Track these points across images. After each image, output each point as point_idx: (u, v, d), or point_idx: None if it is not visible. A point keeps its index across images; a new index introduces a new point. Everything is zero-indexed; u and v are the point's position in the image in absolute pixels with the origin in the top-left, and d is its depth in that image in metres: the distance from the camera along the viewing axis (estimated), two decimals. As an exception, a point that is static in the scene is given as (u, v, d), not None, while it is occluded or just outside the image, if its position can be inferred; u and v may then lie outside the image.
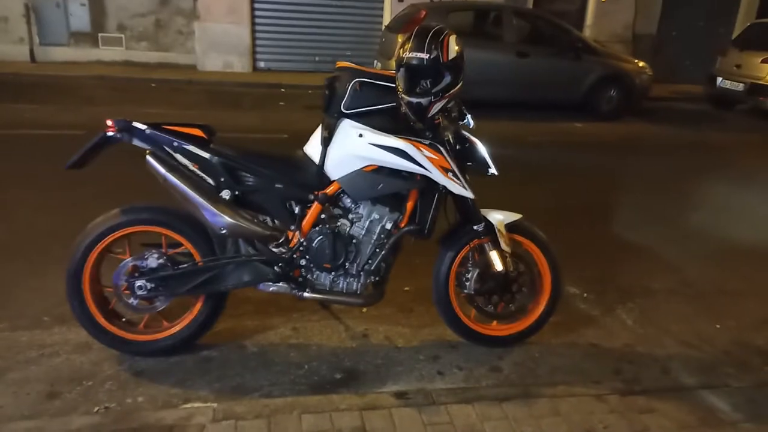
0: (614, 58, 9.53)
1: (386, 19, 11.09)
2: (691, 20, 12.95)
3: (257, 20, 11.15)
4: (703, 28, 13.02)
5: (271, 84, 10.19)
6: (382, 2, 11.61)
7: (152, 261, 2.51)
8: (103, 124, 2.39)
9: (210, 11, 10.77)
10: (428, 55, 2.31)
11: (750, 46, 9.96)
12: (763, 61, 9.51)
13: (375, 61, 9.43)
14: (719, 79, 10.29)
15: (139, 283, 2.49)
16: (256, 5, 11.07)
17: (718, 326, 3.25)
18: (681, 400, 2.49)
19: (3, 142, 5.84)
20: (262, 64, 11.41)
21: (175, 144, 2.42)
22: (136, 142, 2.42)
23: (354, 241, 2.59)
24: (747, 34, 10.42)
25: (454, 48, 2.36)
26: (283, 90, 9.89)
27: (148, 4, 10.92)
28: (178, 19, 11.11)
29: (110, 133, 2.38)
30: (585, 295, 3.49)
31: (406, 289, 3.33)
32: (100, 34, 10.86)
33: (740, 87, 9.85)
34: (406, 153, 2.44)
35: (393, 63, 2.47)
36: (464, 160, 2.60)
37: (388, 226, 2.60)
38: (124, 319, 2.64)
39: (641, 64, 9.59)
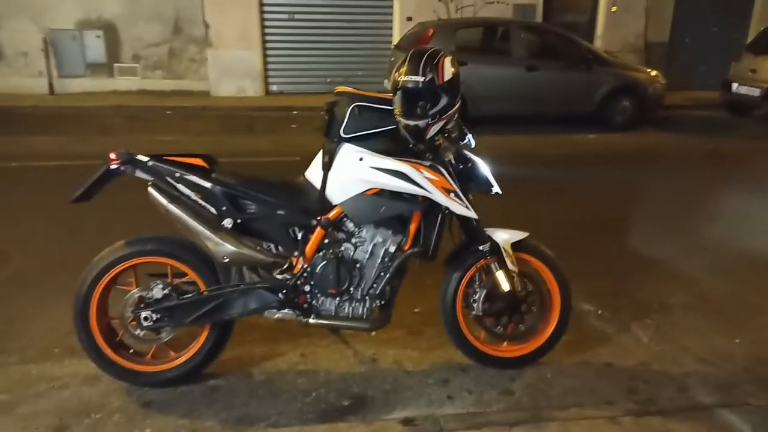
0: (626, 68, 9.48)
1: (395, 38, 11.18)
2: (703, 26, 12.81)
3: (268, 45, 11.30)
4: (716, 33, 12.86)
5: (284, 107, 10.29)
6: (391, 22, 11.71)
7: (157, 291, 2.52)
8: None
9: (222, 38, 10.94)
10: (423, 78, 2.31)
11: (765, 50, 9.81)
12: (779, 65, 9.38)
13: (385, 81, 9.47)
14: (735, 85, 10.14)
15: (144, 314, 2.50)
16: (267, 30, 11.22)
17: (737, 341, 3.16)
18: (698, 419, 2.43)
19: (22, 174, 5.96)
20: (274, 88, 11.55)
21: (177, 174, 2.44)
22: (139, 174, 2.45)
23: (358, 265, 2.58)
24: (762, 38, 10.26)
25: (449, 70, 2.36)
26: (295, 112, 9.97)
27: (161, 33, 11.13)
28: (190, 47, 11.31)
29: (113, 166, 2.41)
30: (599, 312, 3.43)
31: (416, 310, 3.30)
32: (115, 65, 11.10)
33: (756, 92, 9.69)
34: (407, 175, 2.43)
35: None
36: (467, 180, 2.58)
37: (392, 249, 2.58)
38: (131, 351, 2.64)
39: (654, 72, 9.50)
